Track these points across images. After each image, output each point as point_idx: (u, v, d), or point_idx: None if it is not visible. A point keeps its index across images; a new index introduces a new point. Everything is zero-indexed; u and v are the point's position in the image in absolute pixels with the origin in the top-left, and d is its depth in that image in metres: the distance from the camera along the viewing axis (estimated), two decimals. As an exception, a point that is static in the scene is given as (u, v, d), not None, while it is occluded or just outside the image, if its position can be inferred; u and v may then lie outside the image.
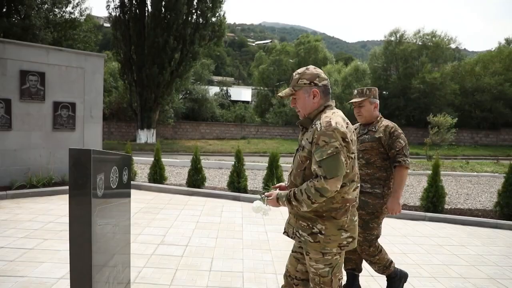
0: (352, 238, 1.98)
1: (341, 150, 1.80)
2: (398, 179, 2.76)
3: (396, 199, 2.77)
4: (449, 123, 14.45)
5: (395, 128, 2.84)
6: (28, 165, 6.46)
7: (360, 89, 2.99)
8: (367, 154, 2.85)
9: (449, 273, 3.70)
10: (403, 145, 2.77)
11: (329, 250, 1.94)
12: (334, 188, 1.79)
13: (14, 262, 3.45)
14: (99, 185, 1.88)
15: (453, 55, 28.69)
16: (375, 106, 2.93)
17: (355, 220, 2.01)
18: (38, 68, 6.44)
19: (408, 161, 2.76)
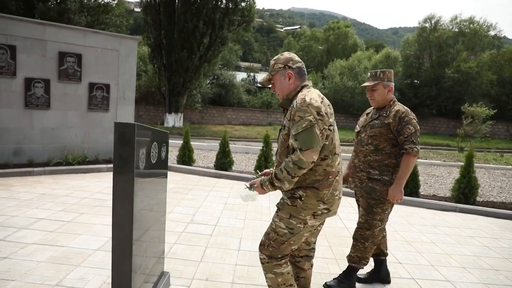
0: (328, 210, 2.05)
1: (315, 123, 1.89)
2: (403, 166, 2.66)
3: (398, 186, 2.66)
4: (486, 114, 13.84)
5: (406, 113, 2.72)
6: (64, 143, 6.74)
7: (374, 71, 2.88)
8: (376, 140, 2.76)
9: (481, 264, 3.62)
10: (412, 132, 2.66)
11: (301, 216, 2.02)
12: (310, 159, 1.88)
13: (54, 232, 3.65)
14: (141, 159, 1.95)
15: (492, 42, 27.28)
16: (389, 90, 2.81)
17: (336, 194, 2.07)
18: (76, 49, 6.65)
19: (416, 148, 2.65)
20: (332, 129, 2.02)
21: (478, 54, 25.53)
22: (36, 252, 3.17)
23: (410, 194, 6.07)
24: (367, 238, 2.80)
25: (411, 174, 6.07)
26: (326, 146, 1.99)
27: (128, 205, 1.91)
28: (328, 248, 3.76)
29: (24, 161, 6.32)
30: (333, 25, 34.20)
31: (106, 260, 3.11)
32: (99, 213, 4.34)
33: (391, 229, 4.54)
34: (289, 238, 2.05)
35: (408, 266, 3.44)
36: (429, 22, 26.65)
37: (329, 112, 2.02)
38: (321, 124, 1.92)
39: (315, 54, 32.18)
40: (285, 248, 2.07)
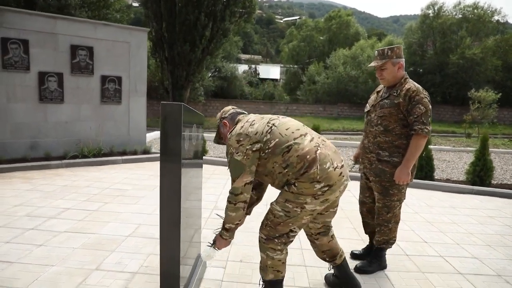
0: (328, 187, 1.99)
1: (234, 152, 2.06)
2: (412, 147, 2.56)
3: (406, 168, 2.58)
4: (492, 98, 13.82)
5: (417, 91, 2.58)
6: (78, 136, 6.78)
7: (381, 49, 2.72)
8: (385, 121, 2.67)
9: (505, 242, 3.66)
10: (423, 112, 2.54)
11: (300, 200, 2.00)
12: (241, 183, 2.05)
13: (82, 221, 3.70)
14: (185, 139, 1.98)
15: (496, 28, 27.06)
16: (399, 67, 2.66)
17: (327, 167, 1.99)
18: (87, 42, 6.66)
19: (427, 129, 2.53)
20: (274, 125, 2.08)
21: (482, 40, 25.36)
22: (69, 239, 3.23)
23: (425, 178, 6.10)
24: (389, 220, 2.79)
25: (427, 158, 6.12)
26: (279, 142, 2.02)
27: (176, 185, 1.94)
28: (353, 230, 3.81)
29: (41, 154, 6.37)
30: (334, 14, 33.98)
31: (139, 246, 3.16)
32: (123, 202, 4.39)
33: (411, 211, 4.59)
34: (285, 220, 2.05)
35: (434, 245, 3.48)
36: (432, 9, 26.46)
37: (259, 122, 2.13)
38: (242, 148, 2.05)
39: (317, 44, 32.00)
40: (282, 229, 2.07)
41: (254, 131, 2.07)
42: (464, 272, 2.94)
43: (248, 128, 2.10)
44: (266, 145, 2.04)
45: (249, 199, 2.11)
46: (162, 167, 1.92)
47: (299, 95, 28.26)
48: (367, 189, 2.98)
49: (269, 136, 2.04)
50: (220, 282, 2.62)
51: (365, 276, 2.79)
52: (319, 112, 25.79)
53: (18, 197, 4.38)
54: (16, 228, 3.42)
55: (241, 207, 2.08)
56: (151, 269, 2.75)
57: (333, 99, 25.84)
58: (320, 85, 26.21)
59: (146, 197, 4.66)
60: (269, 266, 2.15)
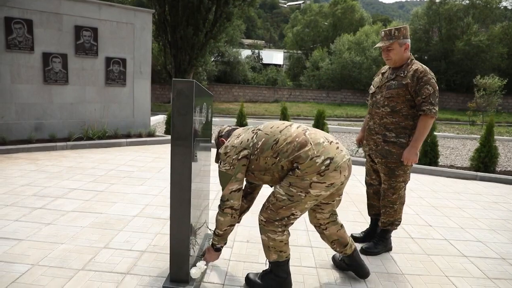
0: (329, 159, 1.98)
1: (220, 165, 2.17)
2: (420, 128, 2.57)
3: (414, 148, 2.59)
4: (497, 85, 13.70)
5: (425, 72, 2.58)
6: (83, 118, 6.78)
7: (388, 30, 2.69)
8: (392, 102, 2.66)
9: (509, 227, 3.68)
10: (431, 92, 2.54)
11: (306, 181, 1.98)
12: (228, 191, 2.15)
13: (90, 201, 3.73)
14: (196, 113, 1.98)
15: (504, 14, 26.67)
16: (405, 48, 2.66)
17: (321, 141, 2.02)
18: (91, 23, 6.59)
19: (434, 110, 2.55)
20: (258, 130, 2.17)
21: (489, 27, 24.99)
22: (77, 218, 3.26)
23: (430, 164, 6.10)
24: (395, 202, 2.81)
25: (431, 144, 6.11)
26: (267, 139, 2.08)
27: (187, 166, 1.94)
28: (358, 213, 3.83)
29: (46, 136, 6.38)
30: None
31: (147, 225, 3.19)
32: (129, 183, 4.41)
33: (416, 196, 4.60)
34: (287, 204, 2.05)
35: (439, 229, 3.51)
36: (438, -6, 26.01)
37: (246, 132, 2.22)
38: (229, 159, 2.13)
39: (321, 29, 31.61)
40: (283, 212, 2.07)
41: (239, 141, 2.17)
42: (468, 255, 2.96)
43: (234, 140, 2.20)
44: (254, 148, 2.10)
45: (238, 206, 2.18)
46: (173, 147, 1.92)
47: (302, 81, 28.06)
48: (373, 171, 2.99)
49: (255, 140, 2.12)
50: (228, 261, 2.65)
51: (371, 257, 2.82)
52: (322, 98, 25.66)
53: (25, 177, 4.41)
54: (24, 207, 3.45)
55: (228, 213, 2.17)
56: (159, 248, 2.78)
57: (337, 85, 25.67)
58: (324, 71, 26.00)
59: (152, 178, 4.68)
60: (271, 247, 2.16)
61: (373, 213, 3.08)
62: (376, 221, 3.04)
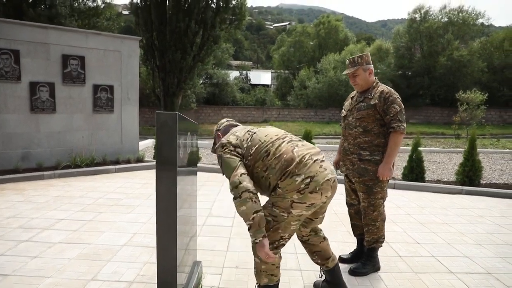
0: (310, 178, 1.99)
1: (223, 154, 2.15)
2: (391, 144, 2.74)
3: (387, 164, 2.74)
4: (479, 99, 14.08)
5: (391, 93, 2.79)
6: (71, 146, 6.76)
7: (352, 58, 2.92)
8: (363, 122, 2.82)
9: (494, 240, 3.75)
10: (398, 110, 2.73)
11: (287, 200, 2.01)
12: (237, 175, 2.03)
13: (77, 231, 3.70)
14: (180, 148, 2.02)
15: (481, 30, 27.64)
16: (369, 72, 2.87)
17: (306, 160, 2.04)
18: (78, 52, 6.66)
19: (403, 126, 2.73)
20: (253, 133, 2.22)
21: (468, 43, 25.84)
22: (64, 250, 3.22)
23: (416, 180, 6.20)
24: (376, 219, 2.88)
25: (417, 160, 6.22)
26: (258, 148, 2.12)
27: (172, 193, 1.96)
28: (346, 233, 3.86)
29: (33, 165, 6.33)
30: (323, 19, 34.35)
31: (135, 255, 3.17)
32: (117, 211, 4.39)
33: (403, 213, 4.66)
34: (273, 226, 2.09)
35: (426, 245, 3.55)
36: (418, 13, 26.90)
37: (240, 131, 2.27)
38: (227, 151, 2.15)
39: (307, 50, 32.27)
40: (273, 235, 2.10)
41: (235, 138, 2.21)
42: (455, 271, 3.00)
43: (229, 136, 2.25)
44: (248, 152, 2.13)
45: (253, 189, 1.99)
46: (158, 176, 1.95)
47: (290, 100, 28.42)
48: (351, 191, 3.08)
49: (250, 143, 2.15)
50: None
51: (359, 278, 2.84)
52: (311, 117, 25.95)
53: (11, 209, 4.36)
54: (10, 241, 3.40)
55: (247, 197, 1.95)
56: (148, 277, 2.76)
57: (324, 104, 26.03)
58: (311, 90, 26.40)
59: (141, 205, 4.67)
60: (262, 270, 2.18)
61: (358, 233, 3.12)
62: (362, 241, 3.08)
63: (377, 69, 26.02)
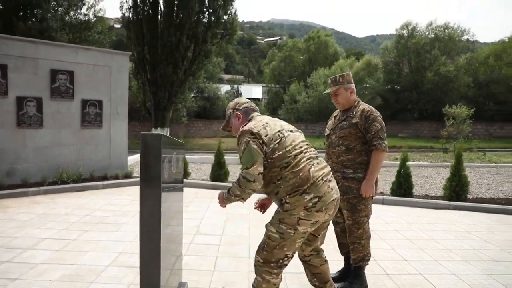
0: (318, 198, 2.08)
1: (250, 141, 2.10)
2: (373, 162, 2.79)
3: (370, 181, 2.79)
4: (465, 114, 14.35)
5: (371, 111, 2.86)
6: (58, 161, 6.68)
7: (333, 77, 3.00)
8: (346, 140, 2.87)
9: (481, 256, 3.77)
10: (379, 128, 2.81)
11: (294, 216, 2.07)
12: (256, 171, 2.06)
13: (61, 251, 3.62)
14: (165, 169, 2.01)
15: (466, 46, 28.34)
16: (351, 91, 2.94)
17: (317, 180, 2.12)
18: (67, 67, 6.64)
19: (384, 144, 2.79)
20: (282, 136, 2.17)
21: (455, 59, 26.44)
22: (46, 271, 3.15)
23: (404, 195, 6.24)
24: (361, 237, 2.89)
25: (405, 175, 6.27)
26: (281, 155, 2.11)
27: (156, 215, 1.95)
28: (334, 251, 3.82)
29: (18, 181, 6.22)
30: (313, 34, 34.89)
31: (120, 275, 3.11)
32: (103, 230, 4.32)
33: (392, 229, 4.67)
34: (280, 243, 2.11)
35: (414, 263, 3.56)
36: (406, 29, 27.50)
37: (272, 126, 2.20)
38: (256, 141, 2.11)
39: (298, 64, 32.66)
40: (278, 253, 2.13)
41: (265, 133, 2.15)
42: (442, 290, 3.00)
43: (260, 127, 2.17)
44: (271, 154, 2.12)
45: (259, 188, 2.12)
46: (142, 197, 1.93)
47: (281, 114, 28.57)
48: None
49: (276, 145, 2.13)
50: (203, 309, 2.60)
51: (347, 298, 2.82)
52: (301, 131, 26.01)
53: (-6, 227, 4.26)
54: (-9, 261, 3.32)
55: (248, 193, 2.11)
56: (132, 299, 2.71)
57: (315, 118, 26.22)
58: (301, 104, 26.60)
59: (127, 223, 4.60)
60: None
61: (344, 251, 3.12)
62: (349, 259, 3.07)
63: (366, 84, 26.41)
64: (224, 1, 20.16)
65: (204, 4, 19.84)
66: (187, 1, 18.42)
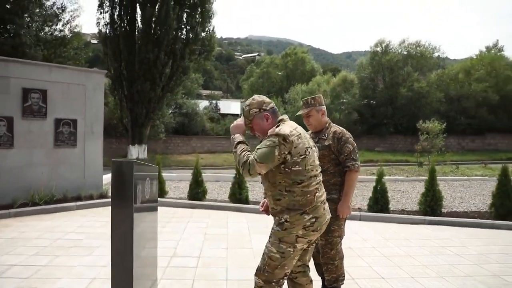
0: (315, 218, 2.19)
1: (278, 146, 2.07)
2: (348, 183, 2.86)
3: (346, 203, 2.85)
4: (438, 128, 14.83)
5: (343, 133, 2.93)
6: (29, 182, 6.44)
7: (305, 99, 3.05)
8: (320, 162, 2.89)
9: (455, 272, 3.84)
10: (351, 149, 2.87)
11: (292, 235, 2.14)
12: (259, 170, 2.06)
13: (30, 279, 3.46)
14: (137, 196, 1.97)
15: (437, 63, 29.51)
16: (322, 113, 2.99)
17: (318, 204, 2.22)
18: (41, 85, 6.49)
19: (357, 165, 2.86)
20: (307, 153, 2.19)
21: (427, 75, 27.45)
22: (14, 301, 3.00)
23: (381, 211, 6.33)
24: (334, 258, 2.92)
25: (381, 191, 6.38)
26: (300, 171, 2.15)
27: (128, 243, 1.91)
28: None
29: (-14, 204, 5.95)
30: (290, 51, 35.56)
31: (93, 303, 3.00)
32: (76, 254, 4.17)
33: (369, 246, 4.72)
34: (281, 262, 2.16)
35: (391, 280, 3.59)
36: (380, 46, 28.43)
37: (303, 140, 2.19)
38: (283, 148, 2.08)
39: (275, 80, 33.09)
40: (279, 272, 2.18)
41: (296, 144, 2.13)
42: (418, 307, 3.03)
43: (295, 137, 2.14)
44: (292, 164, 2.14)
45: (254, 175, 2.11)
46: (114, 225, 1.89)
47: (259, 130, 28.70)
48: None
49: (299, 160, 2.15)
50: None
51: (325, 319, 2.80)
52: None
53: (-42, 255, 4.04)
54: (-47, 292, 3.14)
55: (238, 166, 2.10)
56: (105, 329, 2.60)
57: (293, 133, 26.41)
58: (280, 120, 26.79)
59: (101, 246, 4.46)
60: None
61: (321, 272, 3.12)
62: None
63: (343, 99, 26.97)
64: (202, 18, 20.35)
65: (182, 21, 19.95)
66: (165, 18, 18.48)
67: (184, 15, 20.05)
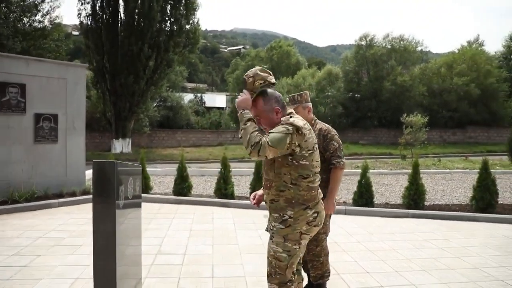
0: (317, 213, 2.26)
1: (291, 134, 2.08)
2: (333, 180, 2.88)
3: (331, 199, 2.87)
4: (421, 122, 15.07)
5: (328, 130, 2.96)
6: (8, 180, 6.26)
7: (291, 96, 3.06)
8: None
9: (438, 265, 3.92)
10: (337, 147, 2.90)
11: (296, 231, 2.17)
12: (268, 153, 2.03)
13: (10, 280, 3.37)
14: (120, 196, 1.92)
15: (420, 57, 29.88)
16: (308, 110, 3.01)
17: (319, 200, 2.31)
18: (18, 79, 6.27)
19: (342, 162, 2.90)
20: (315, 149, 2.25)
21: (410, 69, 27.80)
22: (-7, 304, 2.92)
23: (366, 205, 6.40)
24: (320, 254, 2.94)
25: (366, 185, 6.44)
26: (307, 166, 2.19)
27: (110, 245, 1.86)
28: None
29: (-38, 203, 5.77)
30: (276, 44, 35.43)
31: (75, 304, 2.94)
32: (58, 253, 4.08)
33: (354, 240, 4.76)
34: (289, 261, 2.18)
35: (376, 275, 3.63)
36: (364, 40, 28.58)
37: (312, 135, 2.27)
38: (295, 138, 2.10)
39: (261, 73, 32.96)
40: (290, 271, 2.19)
41: (307, 138, 2.17)
42: (402, 302, 3.08)
43: (307, 131, 2.18)
44: (299, 157, 2.16)
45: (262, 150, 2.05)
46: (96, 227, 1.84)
47: (245, 123, 28.64)
48: None
49: (307, 155, 2.19)
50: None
51: (311, 316, 2.82)
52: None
53: None
54: None
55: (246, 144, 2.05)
56: (88, 331, 2.56)
57: (279, 126, 26.47)
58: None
59: (84, 245, 4.37)
60: None
61: (306, 269, 3.13)
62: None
63: (328, 93, 27.10)
64: (187, 10, 20.04)
65: (166, 13, 19.61)
66: (148, 10, 18.13)
67: (168, 7, 19.72)
